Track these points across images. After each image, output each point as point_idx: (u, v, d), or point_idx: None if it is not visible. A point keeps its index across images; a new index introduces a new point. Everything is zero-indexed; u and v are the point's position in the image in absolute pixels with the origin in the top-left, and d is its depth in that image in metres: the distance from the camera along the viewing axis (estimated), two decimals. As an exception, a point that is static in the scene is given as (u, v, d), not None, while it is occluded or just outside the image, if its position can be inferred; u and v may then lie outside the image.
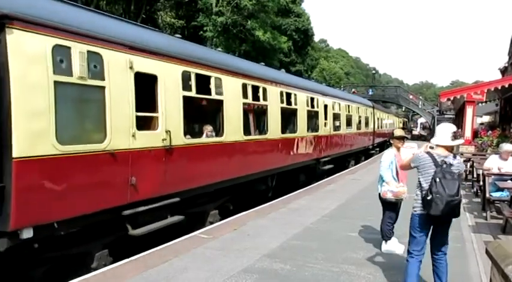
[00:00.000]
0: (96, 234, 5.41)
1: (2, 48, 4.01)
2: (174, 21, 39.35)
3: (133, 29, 6.12)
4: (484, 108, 29.43)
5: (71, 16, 4.84)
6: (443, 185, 4.02)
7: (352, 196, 10.79)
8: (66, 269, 5.11)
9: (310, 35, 50.21)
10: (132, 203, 5.59)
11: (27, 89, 4.18)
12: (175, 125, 6.30)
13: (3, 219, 4.11)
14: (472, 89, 16.17)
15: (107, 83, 5.08)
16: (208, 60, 7.28)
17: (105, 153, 5.11)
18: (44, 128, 4.35)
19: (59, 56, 4.50)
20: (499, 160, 8.93)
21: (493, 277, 3.93)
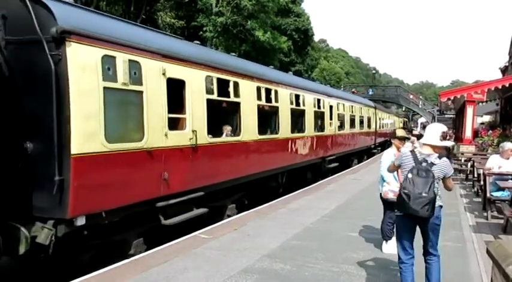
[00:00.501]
0: (133, 224, 6.05)
1: (62, 58, 4.66)
2: (174, 21, 39.70)
3: (165, 39, 6.81)
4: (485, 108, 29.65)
5: (115, 29, 5.51)
6: (413, 182, 3.97)
7: (353, 196, 10.92)
8: (108, 256, 5.74)
9: (310, 35, 50.96)
10: (164, 196, 6.24)
11: (82, 94, 4.83)
12: (200, 125, 6.96)
13: (62, 208, 4.75)
14: (473, 89, 16.31)
15: (144, 88, 5.74)
16: (227, 65, 7.97)
17: (143, 151, 5.77)
18: (95, 129, 5.00)
19: (106, 64, 5.15)
20: (500, 159, 9.01)
21: (494, 277, 3.98)
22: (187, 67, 6.70)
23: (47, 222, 4.77)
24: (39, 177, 4.76)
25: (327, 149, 14.31)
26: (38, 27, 4.57)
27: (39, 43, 4.61)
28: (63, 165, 4.73)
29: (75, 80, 4.75)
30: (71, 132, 4.72)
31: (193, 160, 6.85)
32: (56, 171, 4.67)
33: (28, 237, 4.59)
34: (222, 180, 7.80)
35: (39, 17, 4.60)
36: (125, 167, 5.51)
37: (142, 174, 5.82)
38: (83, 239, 5.33)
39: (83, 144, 4.86)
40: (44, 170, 4.72)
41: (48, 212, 4.77)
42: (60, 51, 4.65)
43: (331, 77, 59.20)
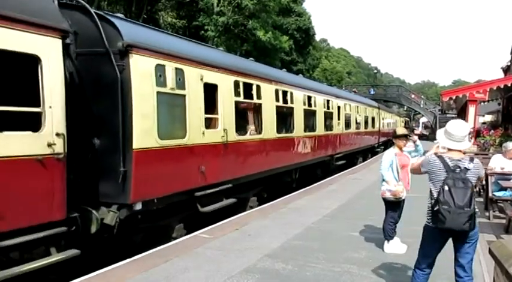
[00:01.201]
0: (176, 211, 7.05)
1: (126, 68, 5.67)
2: (176, 21, 40.28)
3: (202, 48, 7.91)
4: (486, 108, 30.27)
5: (164, 42, 6.57)
6: (452, 195, 3.72)
7: (354, 196, 11.10)
8: (155, 238, 6.74)
9: (312, 34, 51.84)
10: (201, 187, 7.25)
11: (141, 97, 5.83)
12: (229, 124, 7.99)
13: (125, 194, 5.75)
14: (474, 88, 16.55)
15: (187, 92, 6.76)
16: (251, 70, 9.04)
17: (185, 147, 6.79)
18: (150, 127, 6.01)
19: (158, 72, 6.17)
20: (502, 159, 9.10)
21: (496, 277, 3.98)
22: (219, 73, 7.74)
23: (111, 206, 5.74)
24: (105, 168, 5.75)
25: (335, 148, 15.40)
26: (106, 41, 5.55)
27: (106, 55, 5.60)
28: (126, 158, 5.74)
29: (136, 86, 5.75)
30: (133, 129, 5.72)
31: (224, 155, 7.87)
32: (121, 163, 5.67)
33: (99, 219, 5.58)
34: (246, 174, 8.83)
35: (107, 33, 5.60)
36: (172, 161, 6.53)
37: (185, 167, 6.84)
38: (137, 222, 6.31)
39: (142, 140, 5.86)
40: (109, 162, 5.72)
41: (113, 198, 5.76)
42: (124, 61, 5.66)
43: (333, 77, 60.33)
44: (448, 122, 4.19)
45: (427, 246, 4.06)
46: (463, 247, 3.94)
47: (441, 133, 4.13)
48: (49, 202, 4.74)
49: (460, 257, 3.99)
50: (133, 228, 6.34)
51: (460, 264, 3.99)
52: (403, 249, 6.27)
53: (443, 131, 4.12)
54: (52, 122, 4.70)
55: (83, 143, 5.69)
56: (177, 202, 6.91)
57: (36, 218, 4.62)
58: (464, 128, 4.03)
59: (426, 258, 4.08)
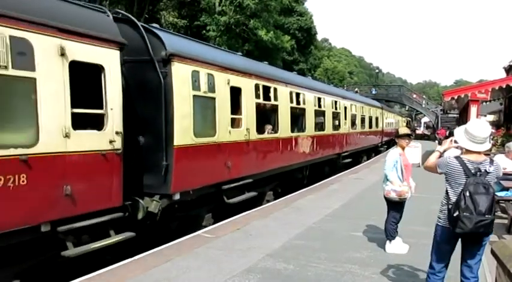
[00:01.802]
0: (205, 202, 7.97)
1: (168, 74, 6.59)
2: (177, 20, 40.84)
3: (229, 55, 8.89)
4: (488, 107, 31.36)
5: (198, 50, 7.54)
6: (473, 201, 3.65)
7: (356, 196, 11.30)
8: (188, 226, 7.65)
9: (313, 34, 52.75)
10: (227, 181, 8.17)
11: (181, 100, 6.76)
12: (251, 124, 8.93)
13: (167, 185, 6.66)
14: (476, 88, 16.45)
15: (216, 95, 7.70)
16: (269, 74, 10.01)
17: (215, 144, 7.72)
18: (188, 126, 6.93)
19: (194, 77, 7.10)
20: (505, 159, 9.20)
21: (498, 277, 4.02)
22: (243, 77, 8.69)
23: (153, 196, 6.65)
24: (149, 163, 6.67)
25: (342, 146, 16.40)
26: (151, 51, 6.46)
27: (150, 62, 6.51)
28: (168, 154, 6.66)
29: (177, 90, 6.68)
30: (174, 128, 6.64)
31: (246, 152, 8.81)
32: (164, 158, 6.58)
33: (145, 207, 6.49)
34: (264, 170, 9.79)
35: (152, 44, 6.53)
36: (204, 157, 7.46)
37: (214, 162, 7.77)
38: (174, 211, 7.22)
39: (181, 138, 6.79)
40: (153, 157, 6.64)
41: (156, 188, 6.68)
42: (167, 69, 6.58)
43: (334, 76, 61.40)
44: (468, 122, 4.11)
45: (442, 246, 4.02)
46: (474, 248, 3.93)
47: (461, 133, 4.00)
48: (110, 191, 5.67)
49: (468, 258, 3.97)
50: (171, 216, 7.24)
51: (468, 264, 3.98)
52: (405, 249, 6.44)
53: (463, 131, 4.00)
54: (113, 122, 5.63)
55: (130, 141, 6.59)
56: (207, 194, 7.84)
57: (101, 204, 5.55)
58: (486, 129, 3.93)
59: (441, 260, 4.06)
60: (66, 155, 5.03)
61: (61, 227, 5.07)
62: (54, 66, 4.88)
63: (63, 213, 5.05)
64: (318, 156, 13.53)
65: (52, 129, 4.85)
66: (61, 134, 4.95)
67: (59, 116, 4.93)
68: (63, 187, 4.99)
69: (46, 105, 4.78)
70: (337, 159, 16.16)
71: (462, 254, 4.03)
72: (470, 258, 3.97)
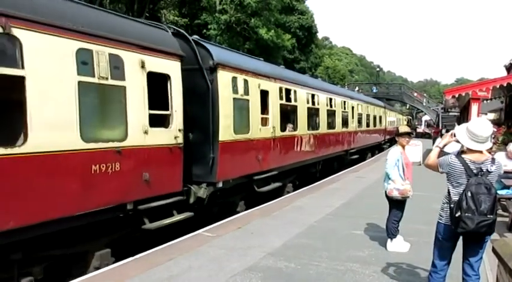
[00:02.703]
0: (239, 190, 9.42)
1: (214, 80, 8.04)
2: (178, 19, 41.69)
3: (259, 63, 10.43)
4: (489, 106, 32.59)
5: (236, 59, 9.07)
6: (475, 202, 3.78)
7: (356, 194, 11.72)
8: (225, 211, 9.08)
9: (314, 32, 54.08)
10: (257, 172, 9.62)
11: (224, 102, 8.22)
12: (276, 122, 10.42)
13: (213, 175, 8.12)
14: (477, 86, 16.65)
15: (250, 97, 9.17)
16: (289, 78, 11.57)
17: (249, 140, 9.19)
18: (229, 125, 8.40)
19: (233, 82, 8.56)
20: (505, 158, 9.49)
21: (500, 275, 4.14)
22: (270, 81, 10.18)
23: (201, 184, 8.06)
24: (197, 155, 8.09)
25: (350, 143, 18.01)
26: (200, 61, 7.90)
27: (199, 70, 7.94)
28: (214, 148, 8.11)
29: (221, 94, 8.15)
30: (219, 126, 8.07)
31: (273, 148, 10.33)
32: (211, 151, 8.03)
33: (196, 193, 7.91)
34: (286, 163, 11.27)
35: (201, 55, 7.97)
36: (241, 151, 8.95)
37: (248, 156, 9.26)
38: (215, 197, 8.65)
39: (224, 134, 8.26)
40: (201, 151, 8.08)
41: (203, 178, 8.12)
42: (213, 76, 8.04)
43: (335, 75, 63.02)
44: (471, 120, 4.28)
45: (444, 244, 4.19)
46: (475, 246, 4.07)
47: (462, 132, 4.10)
48: (174, 178, 7.12)
49: (469, 256, 4.11)
50: (213, 202, 8.66)
51: (469, 262, 4.12)
52: (406, 248, 6.69)
53: (464, 130, 4.09)
54: (176, 121, 7.09)
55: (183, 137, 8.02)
56: (241, 183, 9.29)
57: (168, 188, 7.02)
58: (488, 128, 4.01)
59: (443, 257, 4.22)
60: (145, 147, 6.47)
61: (141, 205, 6.49)
62: (137, 76, 6.32)
63: (142, 194, 6.49)
64: (329, 152, 15.13)
65: (136, 126, 6.29)
66: (142, 130, 6.39)
67: (141, 116, 6.37)
68: (142, 174, 6.42)
69: (132, 107, 6.21)
70: (345, 156, 17.71)
71: (463, 252, 4.17)
72: (472, 256, 4.10)
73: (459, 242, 4.22)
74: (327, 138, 14.62)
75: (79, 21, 5.48)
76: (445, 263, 4.25)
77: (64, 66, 5.21)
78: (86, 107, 5.47)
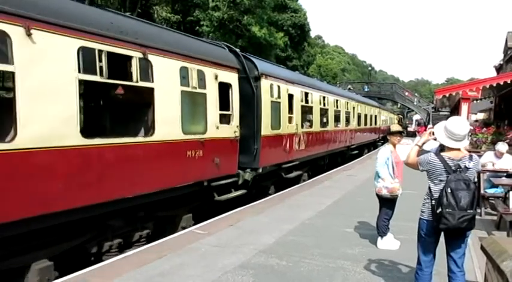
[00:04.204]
0: (270, 176, 12.14)
1: (258, 87, 10.80)
2: (170, 15, 43.24)
3: (286, 71, 13.27)
4: (479, 106, 34.85)
5: (271, 69, 11.79)
6: (455, 197, 4.06)
7: (348, 192, 12.58)
8: (260, 193, 11.79)
9: (307, 30, 56.67)
10: (284, 162, 12.37)
11: (264, 105, 11.00)
12: (298, 120, 13.26)
13: (256, 162, 10.92)
14: (467, 86, 17.16)
15: (281, 100, 11.98)
16: (308, 83, 14.60)
17: (280, 135, 12.02)
18: (268, 122, 11.24)
19: (271, 88, 11.29)
20: (493, 157, 10.22)
21: (488, 272, 4.42)
22: (294, 86, 12.98)
23: (246, 170, 10.72)
24: (244, 146, 10.76)
25: (351, 140, 21.03)
26: (248, 71, 10.58)
27: (246, 79, 10.63)
28: (257, 141, 10.83)
29: (263, 97, 10.94)
30: (261, 124, 10.80)
31: (296, 142, 13.10)
32: (255, 143, 10.75)
33: (243, 176, 10.59)
34: (304, 155, 14.10)
35: (248, 66, 10.70)
36: (275, 143, 11.72)
37: (279, 148, 12.01)
38: (254, 182, 11.35)
39: (265, 130, 11.03)
40: (247, 143, 10.79)
41: (248, 164, 10.86)
42: (257, 83, 10.80)
43: (328, 73, 66.21)
44: (449, 119, 4.51)
45: (427, 239, 4.49)
46: (457, 241, 4.38)
47: (440, 130, 4.44)
48: (233, 163, 9.82)
49: (452, 252, 4.42)
50: (252, 185, 11.35)
51: (453, 258, 4.41)
52: (396, 246, 7.09)
53: (442, 128, 4.42)
54: (235, 119, 9.78)
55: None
56: (272, 170, 12.00)
57: (229, 171, 9.75)
58: (465, 126, 4.30)
59: (428, 253, 4.51)
60: (216, 139, 9.17)
61: (213, 183, 9.14)
62: (213, 86, 9.00)
63: (214, 174, 9.20)
64: (335, 147, 18.12)
65: (212, 123, 8.98)
66: (215, 126, 9.09)
67: (214, 115, 9.07)
68: (214, 159, 9.09)
69: (210, 109, 8.90)
70: (347, 151, 20.75)
71: (446, 249, 4.48)
72: (455, 253, 4.41)
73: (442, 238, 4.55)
74: (334, 135, 17.63)
75: (182, 47, 8.17)
76: (430, 258, 4.54)
77: (175, 79, 7.88)
78: (184, 109, 8.14)
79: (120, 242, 7.22)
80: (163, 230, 8.42)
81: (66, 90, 5.78)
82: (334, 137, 17.80)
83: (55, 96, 5.63)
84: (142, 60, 7.13)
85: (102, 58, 6.30)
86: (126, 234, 7.45)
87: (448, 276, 4.52)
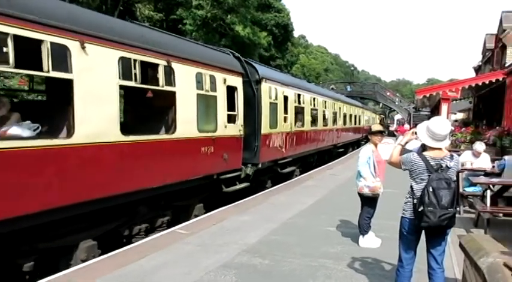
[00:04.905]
0: (267, 172, 13.54)
1: (258, 89, 12.20)
2: (153, 14, 43.62)
3: (282, 74, 14.79)
4: (458, 106, 36.70)
5: (273, 73, 13.25)
6: (436, 196, 4.25)
7: (331, 191, 13.03)
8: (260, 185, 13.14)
9: (290, 30, 58.28)
10: (280, 158, 13.76)
11: (264, 106, 12.44)
12: (292, 120, 14.89)
13: (256, 158, 12.37)
14: (447, 87, 18.93)
15: (278, 102, 13.53)
16: (300, 85, 16.36)
17: (277, 133, 13.42)
18: (267, 122, 12.73)
19: (270, 91, 12.69)
20: (471, 157, 10.59)
21: (466, 269, 4.62)
22: (289, 89, 14.65)
23: (247, 165, 12.06)
24: (246, 144, 12.09)
25: (337, 139, 22.66)
26: (250, 76, 11.93)
27: (248, 82, 11.99)
28: (257, 138, 12.21)
29: (263, 99, 12.36)
30: (261, 123, 12.20)
31: (290, 139, 14.62)
32: (255, 141, 12.10)
33: (245, 171, 11.96)
34: (297, 152, 15.68)
35: (250, 71, 12.09)
36: (272, 141, 13.13)
37: (276, 145, 13.40)
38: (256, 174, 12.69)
39: (264, 129, 12.47)
40: (249, 141, 12.16)
41: (250, 160, 12.28)
42: (258, 86, 12.22)
43: (311, 73, 67.96)
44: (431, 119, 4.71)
45: (409, 237, 4.66)
46: (437, 239, 4.56)
47: (423, 130, 4.62)
48: (238, 158, 11.18)
49: (433, 249, 4.61)
50: (253, 179, 12.68)
51: (433, 256, 4.60)
52: (378, 244, 7.33)
53: (425, 129, 4.61)
54: (239, 119, 11.13)
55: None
56: (269, 166, 13.38)
57: (234, 165, 11.15)
58: (446, 127, 4.49)
59: (409, 250, 4.71)
60: (225, 137, 10.52)
61: (222, 176, 10.46)
62: (222, 89, 10.34)
63: (222, 168, 10.54)
64: (323, 145, 19.73)
65: (221, 122, 10.33)
66: (223, 125, 10.44)
67: (223, 115, 10.42)
68: (223, 154, 10.41)
69: (219, 110, 10.25)
70: (334, 149, 22.42)
71: (427, 246, 4.67)
72: (435, 250, 4.60)
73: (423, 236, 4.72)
74: (322, 134, 19.19)
75: (197, 55, 9.48)
76: (411, 256, 4.73)
77: (192, 83, 9.19)
78: (199, 110, 9.44)
79: (146, 227, 8.50)
80: (177, 218, 9.68)
81: (110, 94, 7.05)
82: (322, 136, 19.41)
83: (102, 100, 6.90)
84: (167, 67, 8.40)
85: (136, 66, 7.57)
86: (151, 220, 8.71)
87: (428, 273, 4.72)
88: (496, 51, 25.97)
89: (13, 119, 6.45)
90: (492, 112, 19.84)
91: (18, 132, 6.06)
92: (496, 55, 26.09)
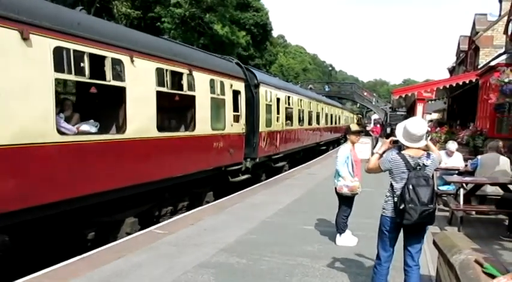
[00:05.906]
0: (262, 166, 15.76)
1: (257, 93, 14.53)
2: (130, 11, 43.54)
3: (275, 79, 17.15)
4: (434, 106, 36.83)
5: (270, 79, 15.54)
6: (416, 193, 4.48)
7: (308, 190, 13.55)
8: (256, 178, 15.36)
9: (269, 30, 60.10)
10: (274, 154, 16.01)
11: (262, 107, 14.82)
12: (283, 119, 17.11)
13: (255, 153, 14.69)
14: (423, 87, 19.67)
15: (272, 103, 15.67)
16: (290, 88, 18.92)
17: (272, 131, 15.59)
18: (264, 121, 15.15)
19: (266, 94, 15.05)
20: (445, 156, 10.65)
21: (440, 266, 4.86)
22: (281, 92, 16.97)
23: (247, 159, 14.24)
24: (247, 141, 14.29)
25: (320, 137, 25.15)
26: (249, 80, 14.15)
27: (248, 86, 14.20)
28: (256, 136, 14.48)
29: (261, 101, 14.76)
30: (259, 122, 14.51)
31: (281, 137, 16.93)
32: (254, 138, 14.35)
33: (245, 164, 14.17)
34: (287, 149, 18.13)
35: (250, 76, 14.39)
36: (269, 138, 15.46)
37: (271, 142, 15.71)
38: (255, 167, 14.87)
39: (262, 127, 14.85)
40: (249, 139, 14.42)
41: (249, 155, 14.60)
42: (256, 90, 14.57)
43: (289, 73, 70.40)
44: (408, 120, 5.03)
45: (389, 236, 4.90)
46: (415, 237, 4.83)
47: (400, 130, 4.94)
48: (241, 153, 13.39)
49: (410, 247, 4.86)
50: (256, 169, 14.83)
51: (410, 253, 4.86)
52: (354, 242, 7.61)
53: (402, 129, 4.91)
54: (242, 118, 13.32)
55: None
56: (264, 161, 15.61)
57: (238, 159, 13.43)
58: (422, 127, 4.78)
59: (388, 249, 4.95)
60: (231, 134, 12.74)
61: (228, 168, 12.60)
62: (229, 93, 12.56)
63: (229, 161, 12.75)
64: (308, 143, 22.37)
65: (228, 121, 12.57)
66: (230, 124, 12.66)
67: (230, 115, 12.66)
68: (229, 149, 12.56)
69: (227, 110, 12.47)
70: (317, 146, 24.89)
71: (405, 243, 4.91)
72: (412, 248, 4.85)
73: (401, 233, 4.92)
74: (308, 132, 21.60)
75: (211, 64, 11.65)
76: (389, 254, 4.93)
77: (207, 88, 11.34)
78: (212, 111, 11.60)
79: (171, 209, 10.55)
80: (193, 203, 11.72)
81: (150, 98, 9.12)
82: (308, 134, 21.91)
83: (145, 102, 8.99)
84: (189, 75, 10.51)
85: (168, 75, 9.65)
86: (174, 204, 10.77)
87: (404, 270, 4.91)
88: (469, 52, 27.17)
89: (75, 118, 8.49)
90: (466, 112, 20.46)
91: (87, 128, 8.11)
92: (469, 57, 27.29)
